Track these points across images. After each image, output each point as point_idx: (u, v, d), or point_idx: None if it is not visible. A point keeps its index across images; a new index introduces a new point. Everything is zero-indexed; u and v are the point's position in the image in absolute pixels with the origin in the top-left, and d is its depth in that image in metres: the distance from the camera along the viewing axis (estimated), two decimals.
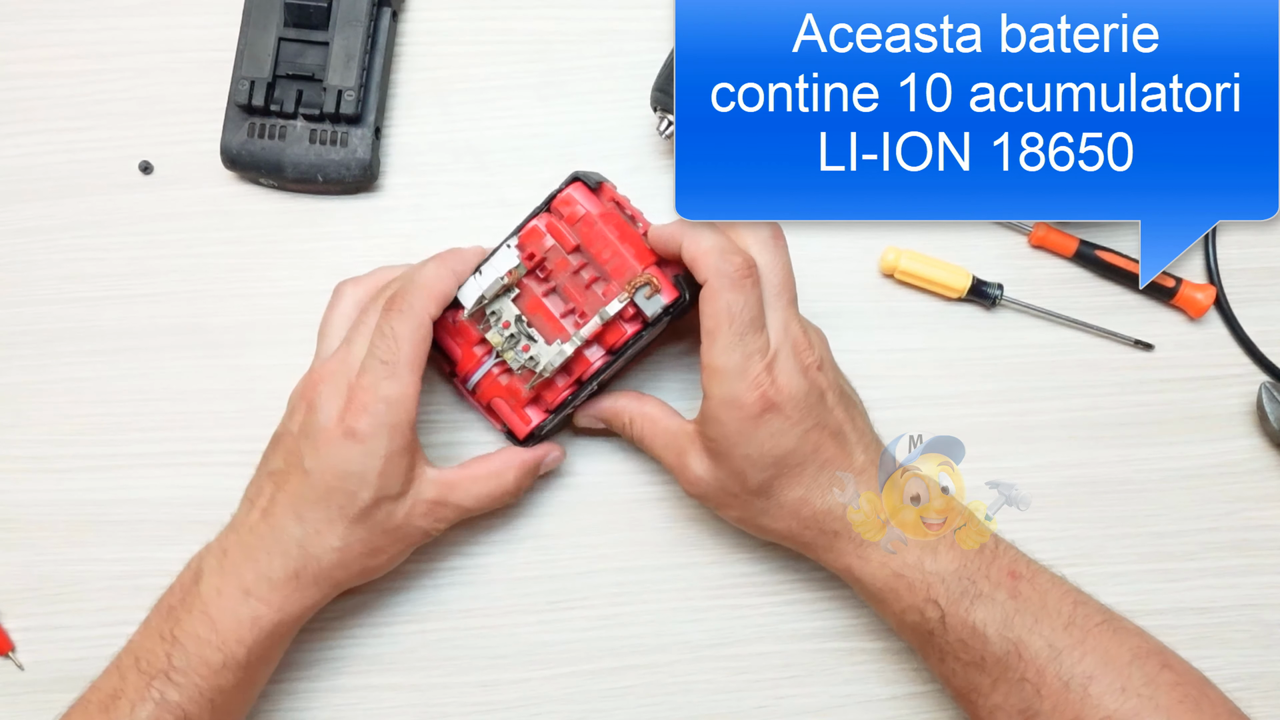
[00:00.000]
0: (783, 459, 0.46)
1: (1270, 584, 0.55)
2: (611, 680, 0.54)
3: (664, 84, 0.55)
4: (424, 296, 0.47)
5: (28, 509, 0.55)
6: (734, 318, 0.45)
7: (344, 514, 0.46)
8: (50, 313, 0.57)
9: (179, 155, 0.59)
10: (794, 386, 0.46)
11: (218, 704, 0.45)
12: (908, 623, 0.47)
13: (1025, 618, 0.45)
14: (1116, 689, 0.43)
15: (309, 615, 0.49)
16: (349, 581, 0.49)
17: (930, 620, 0.46)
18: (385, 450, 0.45)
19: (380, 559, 0.49)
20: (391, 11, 0.59)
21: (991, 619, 0.45)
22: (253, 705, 0.50)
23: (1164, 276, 0.57)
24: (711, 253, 0.46)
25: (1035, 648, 0.44)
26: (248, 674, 0.46)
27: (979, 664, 0.45)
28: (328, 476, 0.46)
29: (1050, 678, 0.44)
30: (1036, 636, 0.44)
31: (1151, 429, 0.56)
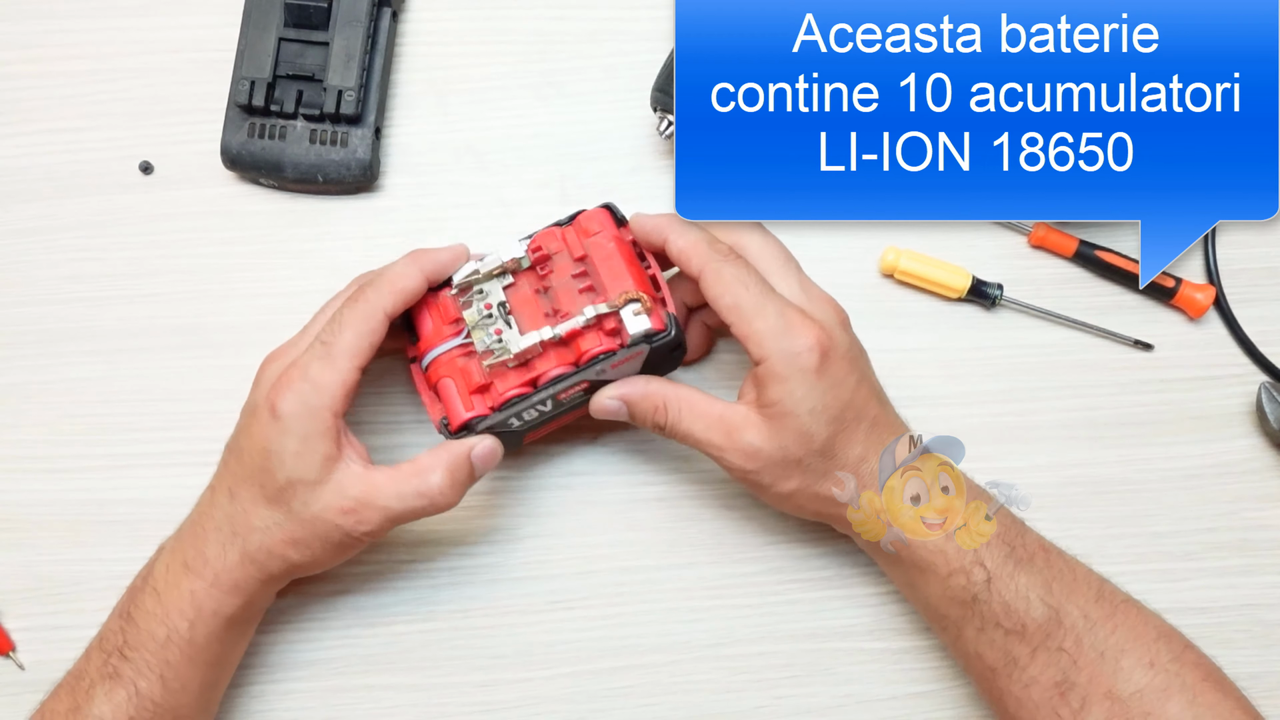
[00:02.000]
0: (844, 411, 0.46)
1: (1270, 584, 0.55)
2: (611, 680, 0.54)
3: (664, 84, 0.55)
4: (383, 290, 0.46)
5: (28, 509, 0.55)
6: (747, 283, 0.46)
7: (264, 493, 0.46)
8: (51, 313, 0.57)
9: (179, 155, 0.59)
10: (838, 334, 0.46)
11: (167, 678, 0.45)
12: (953, 588, 0.46)
13: (1063, 586, 0.45)
14: (1146, 663, 0.44)
15: (251, 604, 0.48)
16: (280, 572, 0.47)
17: (976, 584, 0.45)
18: (302, 431, 0.45)
19: (304, 553, 0.46)
20: (391, 11, 0.59)
21: (1034, 584, 0.45)
22: (217, 688, 0.49)
23: (1164, 276, 0.57)
24: (701, 242, 0.47)
25: (1073, 617, 0.45)
26: (196, 651, 0.46)
27: (1020, 632, 0.45)
28: (254, 455, 0.46)
29: (1087, 648, 0.44)
30: (1073, 606, 0.45)
31: (1151, 429, 0.56)
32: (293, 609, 0.54)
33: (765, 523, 0.55)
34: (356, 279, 0.50)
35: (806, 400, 0.45)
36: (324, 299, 0.57)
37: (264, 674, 0.53)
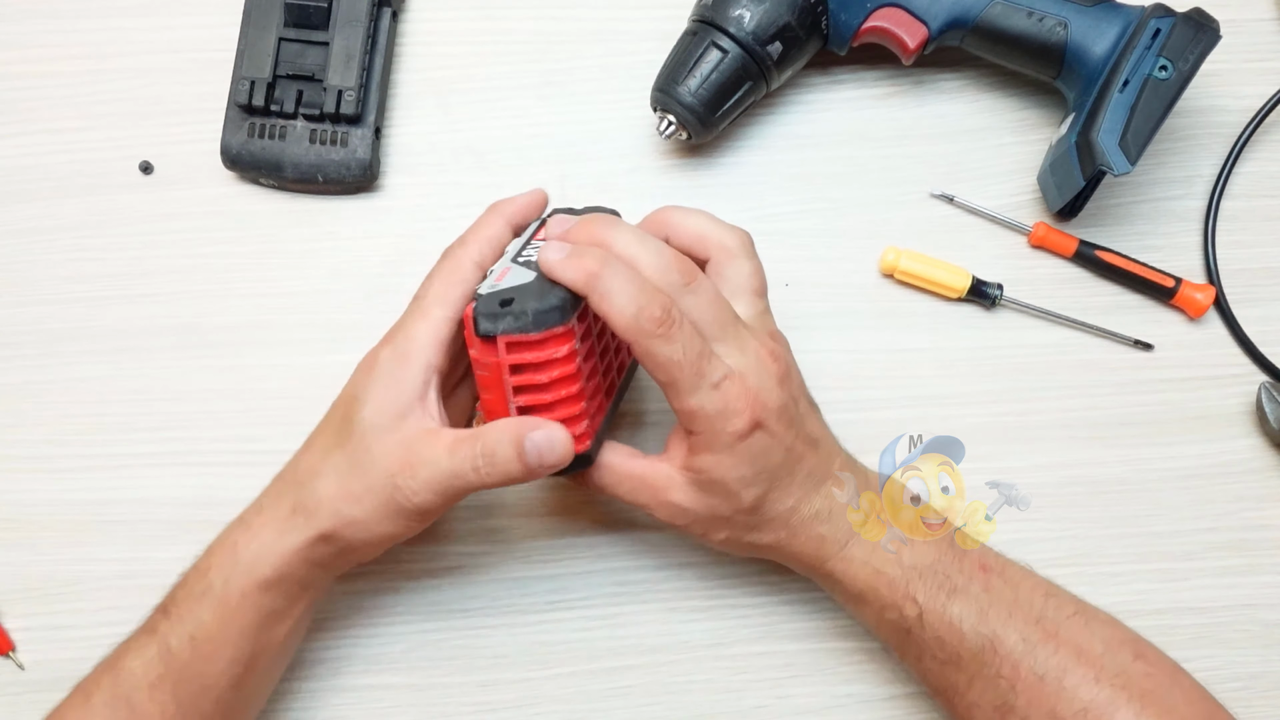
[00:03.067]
0: (774, 474, 0.45)
1: (1269, 584, 0.55)
2: (611, 680, 0.54)
3: (664, 84, 0.55)
4: (468, 242, 0.46)
5: (28, 509, 0.55)
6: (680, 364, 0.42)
7: (337, 439, 0.45)
8: (51, 313, 0.57)
9: (179, 155, 0.59)
10: (772, 397, 0.44)
11: (198, 640, 0.44)
12: (886, 621, 0.47)
13: (999, 611, 0.45)
14: (1090, 680, 0.43)
15: (291, 570, 0.45)
16: (329, 529, 0.44)
17: (909, 618, 0.46)
18: (390, 378, 0.44)
19: (355, 508, 0.44)
20: (392, 12, 0.59)
21: (967, 614, 0.45)
22: (252, 671, 0.46)
23: (1163, 276, 0.57)
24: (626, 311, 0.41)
25: (1010, 642, 0.44)
26: (227, 612, 0.44)
27: (955, 661, 0.45)
28: (342, 401, 0.46)
29: (1025, 671, 0.44)
30: (1010, 630, 0.44)
31: (1151, 429, 0.56)
32: None
33: None
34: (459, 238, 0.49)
35: (735, 470, 0.44)
36: (324, 299, 0.58)
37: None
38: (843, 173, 0.59)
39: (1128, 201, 0.59)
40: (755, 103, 0.57)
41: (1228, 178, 0.58)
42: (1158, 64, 0.51)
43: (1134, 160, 0.51)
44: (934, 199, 0.59)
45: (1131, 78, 0.51)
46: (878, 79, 0.60)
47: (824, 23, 0.55)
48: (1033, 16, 0.54)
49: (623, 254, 0.43)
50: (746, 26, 0.53)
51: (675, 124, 0.56)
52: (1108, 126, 0.51)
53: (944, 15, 0.55)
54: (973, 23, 0.55)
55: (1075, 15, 0.54)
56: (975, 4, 0.54)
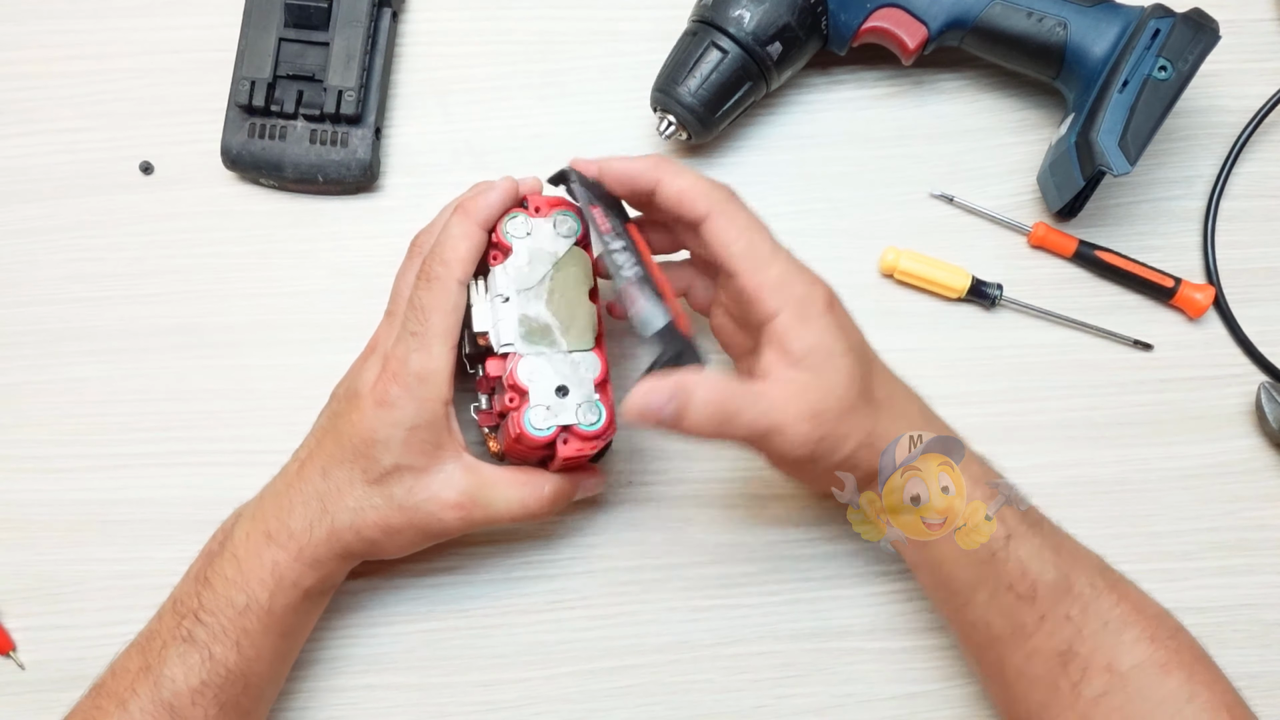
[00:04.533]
0: (863, 348, 0.46)
1: (1269, 584, 0.55)
2: (611, 680, 0.54)
3: (664, 84, 0.55)
4: (450, 262, 0.45)
5: (28, 508, 0.55)
6: (759, 229, 0.45)
7: (365, 476, 0.46)
8: (51, 313, 0.57)
9: (180, 155, 0.59)
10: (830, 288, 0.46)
11: (243, 645, 0.46)
12: (974, 550, 0.46)
13: (1069, 553, 0.46)
14: (1146, 638, 0.44)
15: (328, 578, 0.48)
16: (361, 551, 0.48)
17: (996, 540, 0.45)
18: (411, 421, 0.45)
19: (393, 539, 0.47)
20: (392, 12, 0.59)
21: (1046, 548, 0.45)
22: (289, 658, 0.50)
23: (1163, 276, 0.57)
24: (703, 181, 0.45)
25: (1081, 584, 0.44)
26: (273, 621, 0.46)
27: (1031, 597, 0.44)
28: (356, 440, 0.46)
29: (1091, 616, 0.44)
30: (1080, 574, 0.45)
31: (1151, 429, 0.56)
32: None
33: (765, 523, 0.55)
34: (414, 244, 0.50)
35: (838, 339, 0.44)
36: (324, 299, 0.58)
37: None
38: (843, 173, 0.59)
39: (1127, 201, 0.59)
40: (755, 103, 0.57)
41: (1227, 178, 0.58)
42: (1157, 64, 0.51)
43: (1133, 160, 0.51)
44: (934, 199, 0.59)
45: (1131, 78, 0.51)
46: (878, 79, 0.60)
47: (824, 23, 0.55)
48: (1032, 17, 0.54)
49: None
50: (746, 27, 0.53)
51: (675, 124, 0.56)
52: (1107, 127, 0.51)
53: (944, 15, 0.55)
54: (972, 23, 0.55)
55: (1075, 15, 0.54)
56: (975, 4, 0.54)
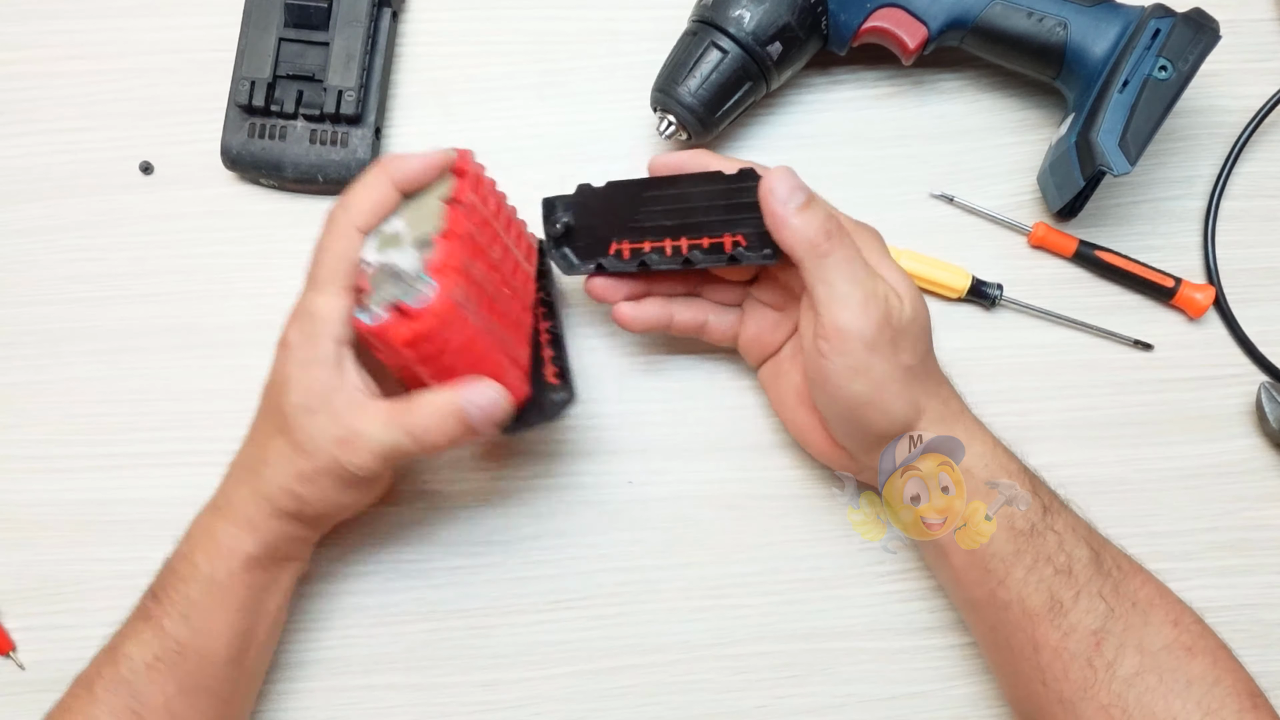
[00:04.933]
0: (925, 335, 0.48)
1: (1269, 584, 0.55)
2: (611, 680, 0.54)
3: (664, 84, 0.55)
4: (350, 207, 0.45)
5: (28, 509, 0.55)
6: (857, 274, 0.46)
7: (275, 425, 0.46)
8: (51, 313, 0.58)
9: (179, 155, 0.59)
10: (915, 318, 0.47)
11: (191, 617, 0.46)
12: (1013, 515, 0.46)
13: (1098, 535, 0.46)
14: (1171, 621, 0.44)
15: (272, 545, 0.47)
16: (293, 508, 0.46)
17: (1035, 512, 0.46)
18: (303, 358, 0.44)
19: (312, 489, 0.45)
20: (392, 12, 0.59)
21: (1078, 524, 0.46)
22: (250, 641, 0.48)
23: (1163, 276, 0.57)
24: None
25: (1109, 563, 0.45)
26: (218, 590, 0.46)
27: (1068, 571, 0.45)
28: (270, 389, 0.47)
29: (1123, 595, 0.44)
30: (1108, 553, 0.45)
31: (1151, 429, 0.56)
32: (294, 608, 0.54)
33: (765, 523, 0.55)
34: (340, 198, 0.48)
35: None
36: None
37: (265, 673, 0.53)
38: (843, 173, 0.59)
39: (1127, 202, 0.59)
40: (755, 103, 0.57)
41: (1227, 178, 0.58)
42: (1157, 64, 0.51)
43: (1133, 160, 0.51)
44: (934, 199, 0.59)
45: (1131, 78, 0.51)
46: (878, 79, 0.60)
47: (824, 23, 0.55)
48: (1032, 17, 0.54)
49: None
50: (746, 27, 0.53)
51: (675, 124, 0.56)
52: (1107, 127, 0.51)
53: (944, 15, 0.55)
54: (972, 23, 0.55)
55: (1075, 15, 0.54)
56: (975, 4, 0.54)
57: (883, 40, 0.56)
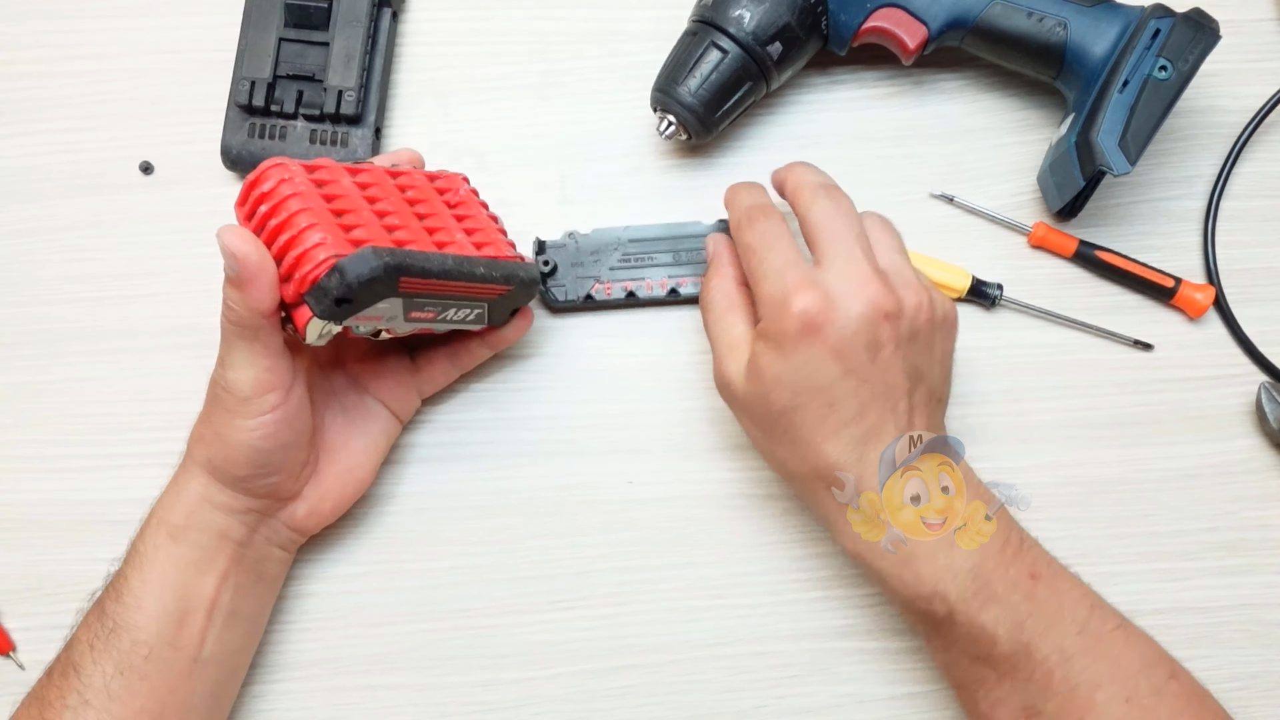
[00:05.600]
0: (813, 390, 0.45)
1: (1269, 584, 0.55)
2: (611, 680, 0.54)
3: (664, 84, 0.55)
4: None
5: (29, 509, 0.55)
6: (758, 251, 0.47)
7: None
8: (51, 313, 0.58)
9: (179, 155, 0.59)
10: (842, 318, 0.44)
11: (121, 591, 0.46)
12: (914, 609, 0.46)
13: (1039, 621, 0.44)
14: (1122, 698, 0.43)
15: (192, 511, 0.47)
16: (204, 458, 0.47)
17: (936, 614, 0.45)
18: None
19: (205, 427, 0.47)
20: (392, 12, 0.59)
21: (1003, 620, 0.44)
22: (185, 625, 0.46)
23: (1163, 276, 0.57)
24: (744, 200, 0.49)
25: (1045, 650, 0.44)
26: (142, 561, 0.47)
27: (986, 659, 0.45)
28: None
29: (1058, 680, 0.43)
30: (1048, 640, 0.44)
31: (1151, 429, 0.56)
32: (294, 608, 0.54)
33: (765, 523, 0.55)
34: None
35: (774, 364, 0.45)
36: None
37: (264, 674, 0.53)
38: (843, 173, 0.58)
39: (1127, 201, 0.59)
40: (755, 103, 0.57)
41: (1227, 178, 0.58)
42: (1157, 64, 0.51)
43: (1133, 160, 0.51)
44: (934, 199, 0.59)
45: (1131, 78, 0.51)
46: (877, 79, 0.60)
47: (824, 23, 0.55)
48: (1032, 17, 0.54)
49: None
50: (746, 27, 0.53)
51: (675, 124, 0.56)
52: (1107, 127, 0.51)
53: (944, 15, 0.55)
54: (972, 23, 0.55)
55: (1075, 15, 0.54)
56: (975, 4, 0.54)
57: (883, 40, 0.56)
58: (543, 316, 0.57)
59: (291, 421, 0.47)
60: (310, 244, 0.42)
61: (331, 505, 0.51)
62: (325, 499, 0.51)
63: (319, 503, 0.50)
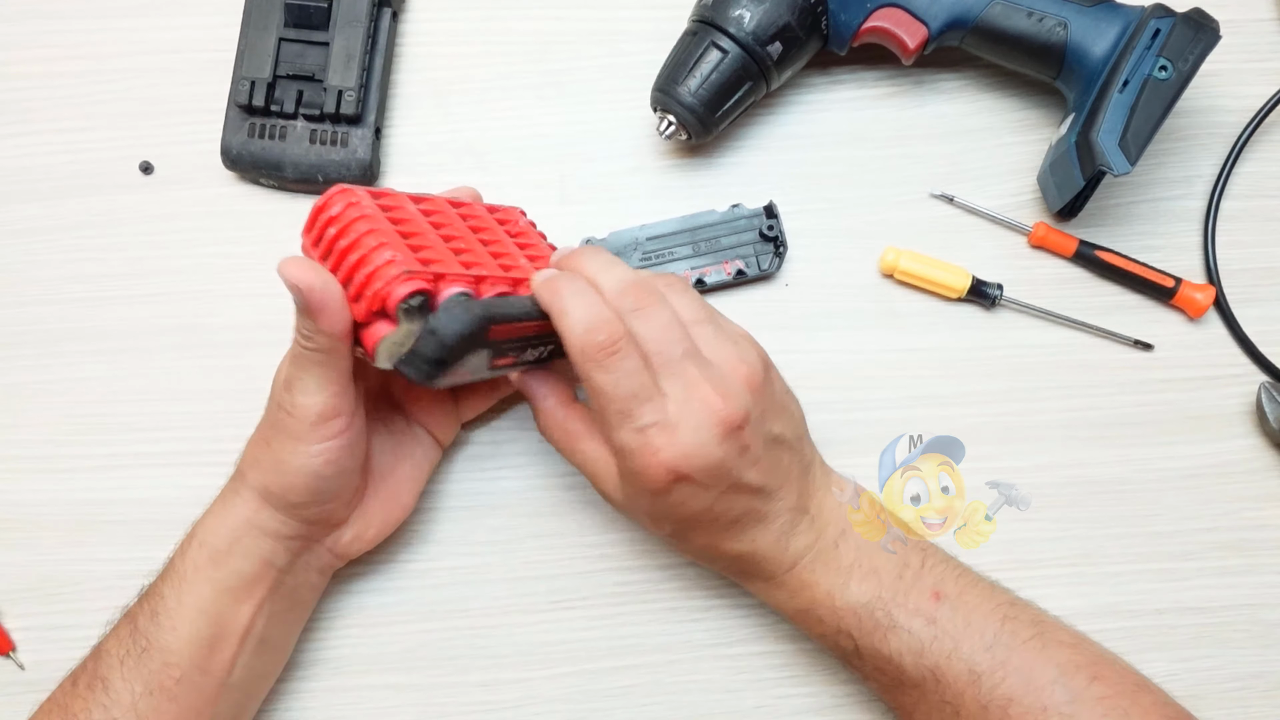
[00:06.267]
0: (690, 519, 0.45)
1: (1269, 583, 0.55)
2: (611, 680, 0.54)
3: (664, 84, 0.55)
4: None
5: (29, 509, 0.55)
6: (611, 398, 0.42)
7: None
8: (51, 313, 0.58)
9: (180, 155, 0.59)
10: (704, 456, 0.42)
11: (159, 613, 0.46)
12: (826, 645, 0.48)
13: (943, 644, 0.44)
14: (1037, 709, 0.43)
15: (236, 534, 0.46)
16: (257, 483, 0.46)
17: (845, 649, 0.46)
18: None
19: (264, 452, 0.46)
20: (392, 12, 0.59)
21: (907, 649, 0.44)
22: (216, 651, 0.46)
23: (1163, 276, 0.57)
24: (575, 329, 0.42)
25: (954, 673, 0.44)
26: (181, 582, 0.46)
27: (898, 685, 0.45)
28: None
29: (969, 701, 0.43)
30: (955, 661, 0.44)
31: (1151, 429, 0.56)
32: None
33: None
34: None
35: (648, 506, 0.45)
36: None
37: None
38: (843, 173, 0.59)
39: (1127, 201, 0.59)
40: (755, 103, 0.57)
41: (1227, 178, 0.58)
42: (1157, 64, 0.51)
43: (1134, 160, 0.51)
44: (934, 199, 0.59)
45: (1131, 78, 0.51)
46: (878, 79, 0.60)
47: (824, 23, 0.55)
48: (1033, 17, 0.54)
49: (588, 274, 0.44)
50: (746, 27, 0.53)
51: (675, 124, 0.56)
52: (1107, 127, 0.51)
53: (944, 15, 0.55)
54: (973, 23, 0.55)
55: (1075, 15, 0.54)
56: (975, 4, 0.54)
57: (883, 40, 0.56)
58: None
59: (353, 448, 0.46)
60: (381, 261, 0.42)
61: (375, 532, 0.50)
62: (370, 525, 0.50)
63: (364, 529, 0.50)
